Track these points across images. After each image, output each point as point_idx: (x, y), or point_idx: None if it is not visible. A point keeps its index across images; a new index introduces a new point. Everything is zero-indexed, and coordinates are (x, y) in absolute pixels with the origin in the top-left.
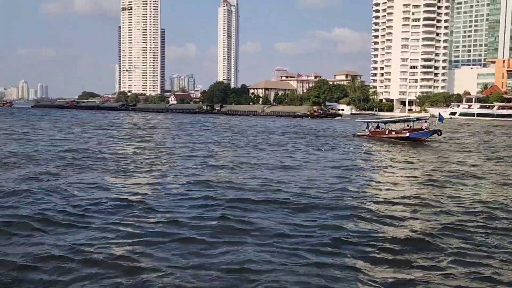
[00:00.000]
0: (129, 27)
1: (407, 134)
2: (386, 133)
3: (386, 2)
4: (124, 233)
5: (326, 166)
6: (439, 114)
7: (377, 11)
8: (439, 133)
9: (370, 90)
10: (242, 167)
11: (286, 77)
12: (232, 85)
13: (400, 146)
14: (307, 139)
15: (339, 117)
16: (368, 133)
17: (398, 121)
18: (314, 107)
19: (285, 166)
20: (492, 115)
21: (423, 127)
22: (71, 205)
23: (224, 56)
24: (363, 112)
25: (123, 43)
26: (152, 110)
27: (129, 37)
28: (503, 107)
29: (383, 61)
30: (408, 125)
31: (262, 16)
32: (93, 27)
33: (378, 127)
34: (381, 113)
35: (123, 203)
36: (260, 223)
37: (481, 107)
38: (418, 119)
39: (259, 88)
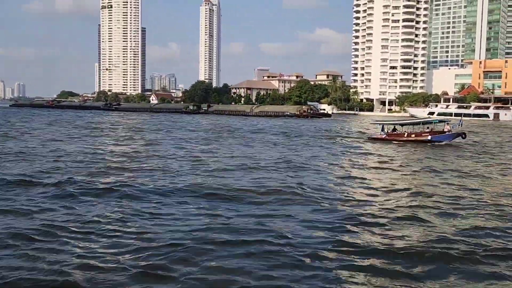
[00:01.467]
0: (109, 26)
1: (429, 137)
2: (405, 136)
3: (366, 3)
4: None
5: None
6: (460, 120)
7: (358, 11)
8: (463, 136)
9: (351, 90)
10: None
11: (268, 77)
12: (214, 85)
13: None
14: (319, 141)
15: (328, 117)
16: (384, 135)
17: (417, 123)
18: (303, 107)
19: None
20: (469, 115)
21: (446, 130)
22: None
23: (206, 56)
24: (344, 112)
25: (103, 41)
26: (137, 109)
27: (109, 36)
28: (479, 107)
29: (363, 61)
30: (428, 127)
31: (248, 16)
32: (73, 26)
33: (394, 129)
34: (361, 113)
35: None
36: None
37: (459, 107)
38: (440, 121)
39: (241, 88)
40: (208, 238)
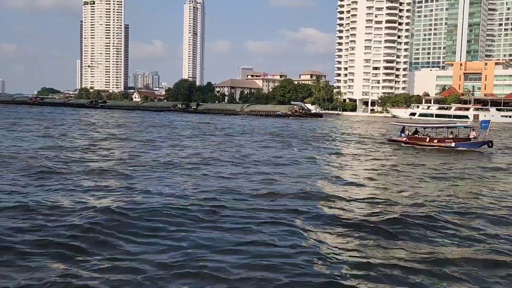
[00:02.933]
0: (91, 22)
1: (452, 144)
2: (427, 140)
3: (350, 4)
4: None
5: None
6: (483, 121)
7: (341, 12)
8: (490, 144)
9: (334, 90)
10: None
11: (252, 76)
12: (198, 83)
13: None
14: (336, 145)
15: (320, 117)
16: (405, 138)
17: (441, 127)
18: (295, 107)
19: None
20: (449, 116)
21: (471, 136)
22: None
23: (189, 54)
24: (327, 111)
25: (85, 38)
26: (124, 107)
27: (91, 32)
28: (460, 108)
29: (347, 61)
30: (452, 133)
31: (234, 15)
32: (55, 22)
33: (416, 132)
34: (344, 113)
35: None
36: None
37: (440, 108)
38: (465, 126)
39: (224, 87)
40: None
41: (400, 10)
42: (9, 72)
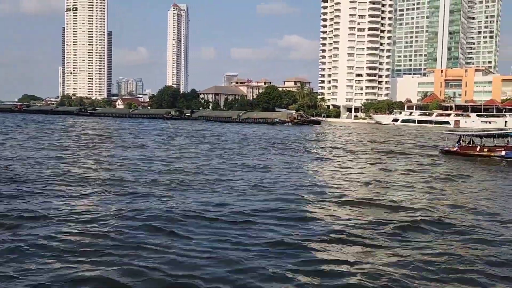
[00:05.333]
0: (74, 29)
1: (503, 153)
2: (477, 149)
3: (333, 12)
4: None
5: None
6: None
7: (325, 20)
8: None
9: (318, 97)
10: None
11: (236, 82)
12: (182, 90)
13: None
14: (385, 159)
15: (318, 125)
16: (456, 148)
17: (493, 136)
18: (294, 113)
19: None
20: (431, 122)
21: None
22: None
23: (174, 61)
24: (312, 118)
25: (67, 44)
26: (115, 115)
27: (73, 39)
28: (441, 114)
29: (330, 68)
30: (507, 141)
31: (219, 22)
32: (37, 28)
33: (472, 141)
34: (328, 119)
35: None
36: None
37: (422, 114)
38: None
39: (209, 93)
40: None
41: (382, 18)
42: None
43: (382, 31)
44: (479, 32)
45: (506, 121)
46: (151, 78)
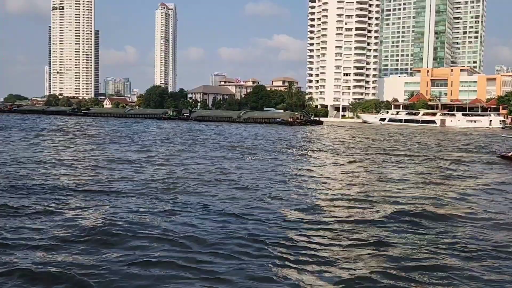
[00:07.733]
0: (60, 28)
1: None
2: None
3: (320, 12)
4: None
5: None
6: None
7: (312, 19)
8: None
9: (306, 96)
10: None
11: (225, 82)
12: (170, 89)
13: None
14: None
15: (320, 125)
16: (511, 153)
17: None
18: (296, 113)
19: None
20: (417, 121)
21: None
22: None
23: (161, 60)
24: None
25: (53, 44)
26: (110, 115)
27: (60, 38)
28: (427, 114)
29: (318, 68)
30: None
31: (207, 22)
32: (22, 27)
33: None
34: (316, 119)
35: None
36: None
37: (408, 113)
38: None
39: (197, 93)
40: None
41: (369, 18)
42: None
43: (369, 31)
44: (465, 32)
45: (490, 120)
46: (139, 78)
